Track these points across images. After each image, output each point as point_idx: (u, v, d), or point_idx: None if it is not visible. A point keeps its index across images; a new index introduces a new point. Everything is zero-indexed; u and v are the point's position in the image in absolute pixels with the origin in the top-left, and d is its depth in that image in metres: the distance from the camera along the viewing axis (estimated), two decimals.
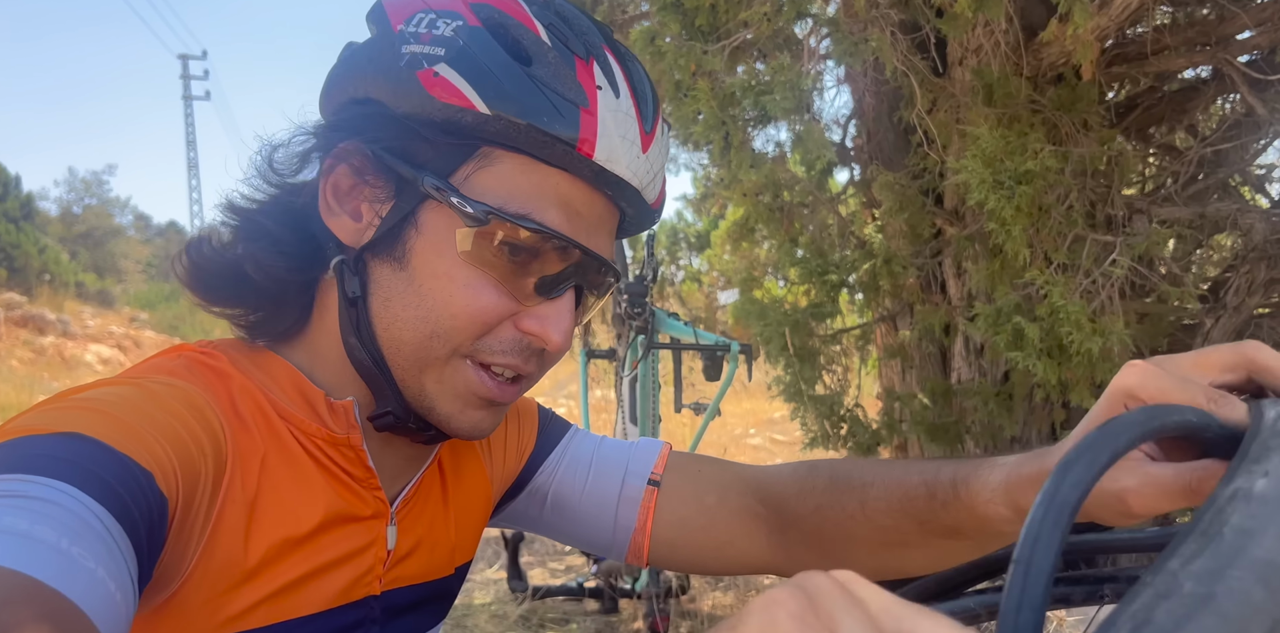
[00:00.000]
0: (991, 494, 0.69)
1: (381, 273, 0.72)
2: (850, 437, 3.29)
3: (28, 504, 0.49)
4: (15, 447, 0.53)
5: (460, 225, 0.69)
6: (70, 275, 22.61)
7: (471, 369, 0.72)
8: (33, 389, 13.67)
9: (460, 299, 0.70)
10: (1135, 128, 3.14)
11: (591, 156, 0.70)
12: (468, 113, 0.68)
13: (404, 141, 0.71)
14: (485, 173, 0.70)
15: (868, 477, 0.83)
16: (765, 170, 3.04)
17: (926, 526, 0.77)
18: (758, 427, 7.55)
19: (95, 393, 0.62)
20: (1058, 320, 2.21)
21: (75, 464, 0.53)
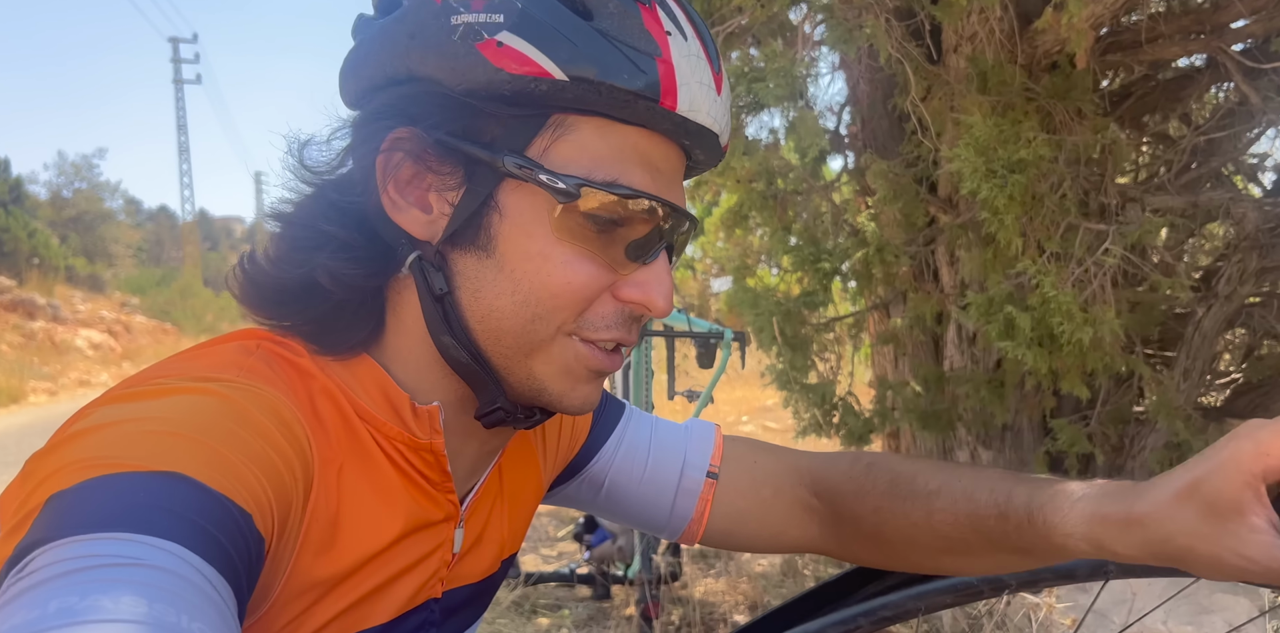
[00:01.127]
0: (1072, 529, 0.70)
1: (465, 264, 0.67)
2: (842, 425, 3.30)
3: (144, 576, 0.45)
4: (116, 491, 0.49)
5: (549, 202, 0.65)
6: (60, 260, 22.50)
7: (580, 345, 0.69)
8: (23, 374, 13.62)
9: (559, 278, 0.66)
10: (1129, 116, 3.14)
11: (675, 109, 0.66)
12: (542, 82, 0.63)
13: (466, 121, 0.66)
14: (563, 143, 0.65)
15: (932, 485, 0.83)
16: (759, 157, 3.03)
17: (996, 544, 0.78)
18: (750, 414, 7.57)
19: (181, 408, 0.57)
20: (1049, 310, 2.21)
21: (181, 517, 0.49)
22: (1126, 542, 0.66)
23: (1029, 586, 0.84)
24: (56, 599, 0.42)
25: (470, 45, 0.63)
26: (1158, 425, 2.71)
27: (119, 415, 0.56)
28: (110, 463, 0.50)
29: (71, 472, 0.50)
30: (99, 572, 0.44)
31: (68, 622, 0.42)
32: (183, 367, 0.65)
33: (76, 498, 0.49)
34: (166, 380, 0.61)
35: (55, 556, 0.45)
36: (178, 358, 0.67)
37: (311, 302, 0.69)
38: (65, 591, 0.43)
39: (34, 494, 0.51)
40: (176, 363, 0.66)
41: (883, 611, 0.91)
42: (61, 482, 0.50)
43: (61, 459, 0.52)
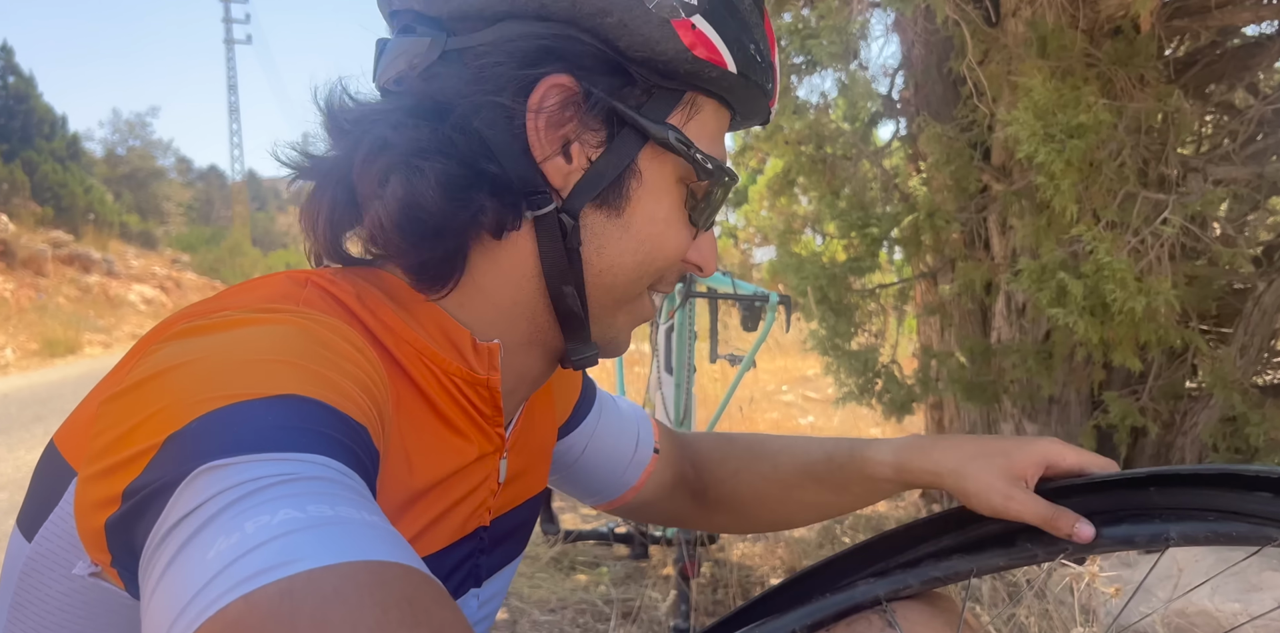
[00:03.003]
0: (882, 458, 0.93)
1: (595, 220, 0.69)
2: (884, 393, 3.28)
3: (314, 487, 0.46)
4: (245, 418, 0.49)
5: (687, 174, 0.71)
6: (115, 216, 22.92)
7: (648, 297, 0.77)
8: (79, 326, 13.96)
9: (673, 244, 0.73)
10: (1193, 85, 3.04)
11: (772, 106, 0.75)
12: (715, 69, 0.68)
13: (622, 84, 0.67)
14: (696, 121, 0.71)
15: (776, 446, 1.04)
16: (809, 119, 2.98)
17: (822, 483, 0.98)
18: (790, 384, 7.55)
19: (264, 336, 0.56)
20: (1102, 278, 2.16)
21: (317, 432, 0.49)
22: (921, 464, 0.90)
23: (1085, 550, 0.84)
24: (250, 520, 0.43)
25: (666, 21, 0.65)
26: (1212, 400, 2.65)
27: (200, 350, 0.55)
28: (221, 395, 0.50)
29: (182, 409, 0.49)
30: (266, 492, 0.44)
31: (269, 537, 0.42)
32: (239, 300, 0.64)
33: (202, 431, 0.48)
34: (231, 313, 0.60)
35: (214, 484, 0.45)
36: (229, 293, 0.67)
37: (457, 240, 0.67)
38: (252, 511, 0.43)
39: (136, 434, 0.50)
40: (231, 297, 0.65)
41: (933, 571, 0.91)
42: (175, 420, 0.49)
43: (160, 399, 0.51)
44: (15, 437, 6.63)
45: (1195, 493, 0.80)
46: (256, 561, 0.41)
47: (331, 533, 0.43)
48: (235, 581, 0.41)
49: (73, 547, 0.57)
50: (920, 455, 0.91)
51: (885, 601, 0.91)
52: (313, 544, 0.42)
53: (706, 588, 2.73)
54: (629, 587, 2.82)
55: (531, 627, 2.57)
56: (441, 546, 0.73)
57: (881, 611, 0.91)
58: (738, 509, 1.06)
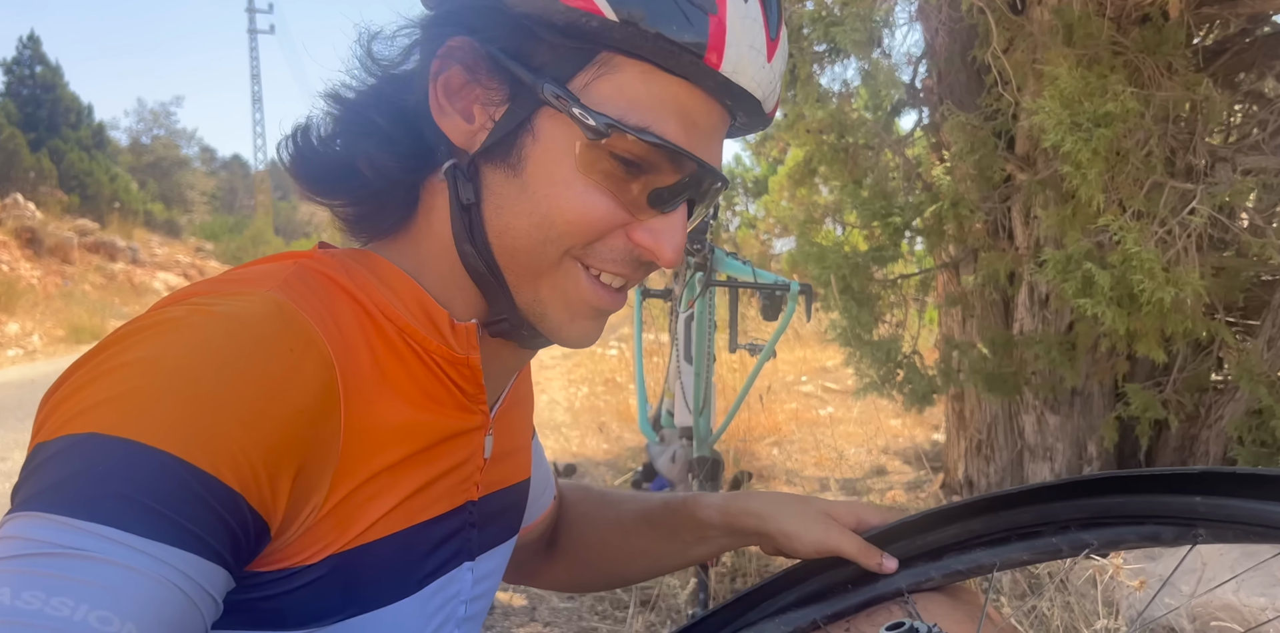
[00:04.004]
0: (709, 503, 1.00)
1: (494, 179, 0.70)
2: (905, 384, 3.26)
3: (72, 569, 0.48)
4: (81, 459, 0.52)
5: (579, 136, 0.67)
6: (139, 204, 23.12)
7: (583, 274, 0.73)
8: (104, 313, 14.10)
9: (576, 207, 0.69)
10: (1222, 73, 2.99)
11: (718, 67, 0.67)
12: (593, 18, 0.65)
13: (520, 42, 0.68)
14: (605, 81, 0.67)
15: (625, 497, 1.11)
16: (832, 108, 2.96)
17: (656, 528, 1.03)
18: (810, 374, 7.53)
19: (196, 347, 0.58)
20: (1130, 268, 2.14)
21: (136, 501, 0.52)
22: (744, 507, 0.97)
23: (1111, 545, 0.83)
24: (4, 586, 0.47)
25: None
26: (1239, 393, 2.63)
27: (135, 350, 0.58)
28: (113, 422, 0.53)
29: (60, 421, 0.54)
30: (29, 562, 0.48)
31: None
32: (222, 284, 0.68)
33: (52, 455, 0.53)
34: (202, 300, 0.63)
35: (7, 530, 0.50)
36: (227, 273, 0.71)
37: (350, 184, 0.74)
38: (13, 579, 0.47)
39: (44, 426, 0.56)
40: (217, 283, 0.69)
41: (955, 563, 0.90)
42: (49, 431, 0.54)
43: (62, 406, 0.56)
44: None
45: None
46: None
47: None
48: None
49: None
50: (743, 501, 0.98)
51: (907, 592, 0.91)
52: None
53: (725, 577, 2.73)
54: None
55: (551, 614, 2.58)
56: (430, 516, 0.75)
57: (903, 602, 0.91)
58: (579, 556, 1.10)
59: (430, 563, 0.76)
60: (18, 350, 11.02)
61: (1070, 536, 0.85)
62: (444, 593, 0.79)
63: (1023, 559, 0.88)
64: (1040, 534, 0.87)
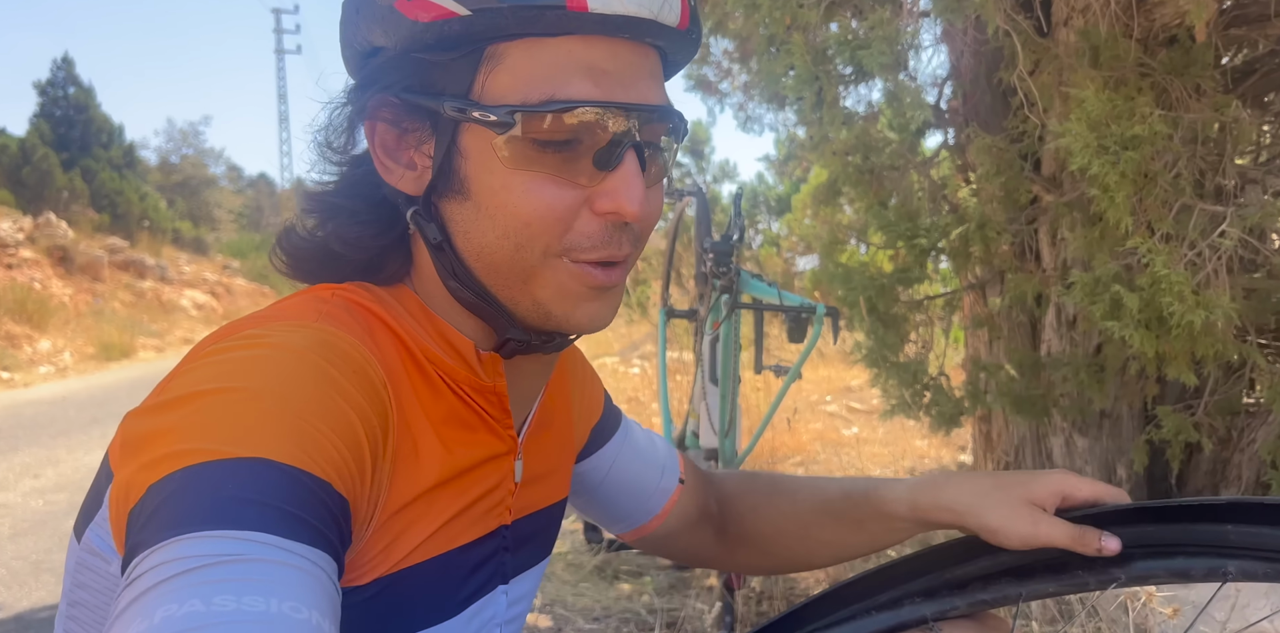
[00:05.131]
0: (897, 496, 0.94)
1: (451, 210, 0.71)
2: (933, 406, 3.24)
3: (238, 571, 0.49)
4: (203, 484, 0.53)
5: (493, 136, 0.67)
6: (168, 222, 23.42)
7: (571, 265, 0.71)
8: (134, 331, 14.26)
9: (525, 206, 0.68)
10: (1251, 94, 2.98)
11: (586, 9, 0.65)
12: (452, 22, 0.65)
13: (417, 76, 0.69)
14: (496, 74, 0.67)
15: (797, 484, 1.06)
16: (857, 130, 2.97)
17: (840, 520, 0.99)
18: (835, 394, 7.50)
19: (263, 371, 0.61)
20: (1159, 291, 2.13)
21: (269, 505, 0.53)
22: (936, 501, 0.90)
23: (1139, 581, 0.82)
24: (161, 608, 0.46)
25: (389, 5, 0.67)
26: (1271, 416, 2.60)
27: (207, 382, 0.60)
28: (198, 451, 0.54)
29: (164, 462, 0.54)
30: (197, 574, 0.48)
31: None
32: (271, 317, 0.70)
33: (172, 491, 0.53)
34: (254, 331, 0.66)
35: (156, 559, 0.50)
36: (269, 309, 0.74)
37: (335, 264, 0.76)
38: (168, 598, 0.47)
39: (136, 478, 0.55)
40: (267, 313, 0.72)
41: (981, 594, 0.90)
42: (156, 472, 0.54)
43: (155, 445, 0.56)
44: (75, 439, 6.78)
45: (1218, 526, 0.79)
46: None
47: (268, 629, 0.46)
48: None
49: (111, 548, 0.62)
50: (935, 493, 0.91)
51: (932, 621, 0.91)
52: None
53: (751, 600, 2.72)
54: (673, 597, 2.82)
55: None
56: (465, 541, 0.77)
57: (928, 629, 0.91)
58: (758, 546, 1.07)
59: (468, 587, 0.78)
60: (49, 367, 11.16)
61: (1097, 569, 0.84)
62: (481, 616, 0.81)
63: (1049, 591, 0.88)
64: (1067, 567, 0.86)
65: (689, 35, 0.72)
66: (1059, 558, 0.86)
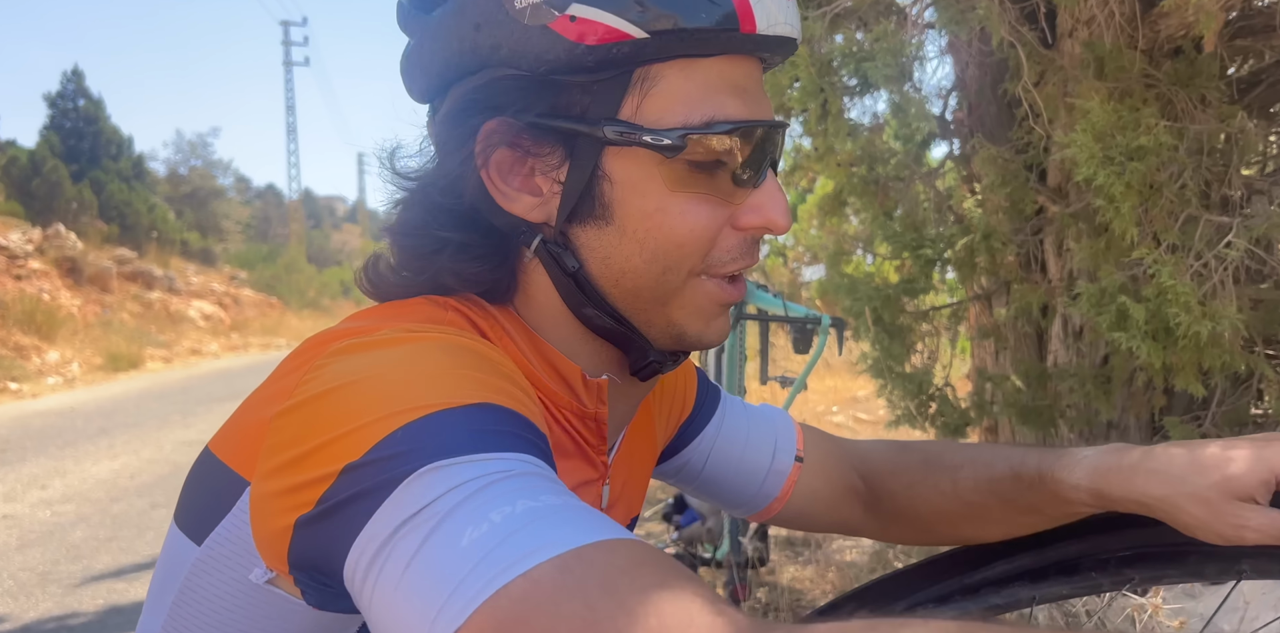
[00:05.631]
0: (1077, 482, 0.81)
1: (588, 236, 0.69)
2: (938, 416, 3.24)
3: (530, 481, 0.51)
4: (451, 424, 0.54)
5: (656, 159, 0.66)
6: (176, 233, 23.53)
7: (710, 282, 0.71)
8: (141, 342, 14.29)
9: (681, 228, 0.68)
10: (1257, 105, 2.98)
11: (756, 31, 0.65)
12: (624, 44, 0.63)
13: (554, 99, 0.66)
14: (653, 96, 0.66)
15: (958, 459, 0.94)
16: (862, 141, 2.98)
17: (1010, 504, 0.88)
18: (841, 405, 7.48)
19: (436, 352, 0.61)
20: (1165, 301, 2.13)
21: (513, 434, 0.55)
22: (1124, 492, 0.78)
23: (1153, 581, 0.82)
24: (494, 510, 0.48)
25: (543, 26, 0.64)
26: (1278, 428, 2.58)
27: (375, 366, 0.59)
28: (420, 406, 0.54)
29: (383, 420, 0.54)
30: (495, 487, 0.50)
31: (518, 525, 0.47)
32: (390, 320, 0.68)
33: (413, 437, 0.53)
34: (391, 331, 0.65)
35: (441, 483, 0.50)
36: (375, 313, 0.72)
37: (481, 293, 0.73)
38: (496, 500, 0.49)
39: (333, 446, 0.54)
40: (380, 318, 0.70)
41: (994, 598, 0.89)
42: (378, 430, 0.53)
43: (353, 411, 0.55)
44: (82, 450, 6.79)
45: None
46: (518, 544, 0.46)
47: (568, 518, 0.49)
48: (506, 563, 0.46)
49: (247, 553, 0.60)
50: (1121, 482, 0.78)
51: None
52: (559, 529, 0.48)
53: (757, 612, 2.71)
54: None
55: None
56: None
57: None
58: (917, 524, 0.98)
59: None
60: (57, 378, 11.20)
61: (1110, 570, 0.84)
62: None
63: (1062, 594, 0.88)
64: (1079, 569, 0.86)
65: (794, 51, 0.74)
66: (1072, 559, 0.85)
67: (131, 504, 5.20)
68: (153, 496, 5.40)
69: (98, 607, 3.64)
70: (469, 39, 0.67)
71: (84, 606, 3.65)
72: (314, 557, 0.54)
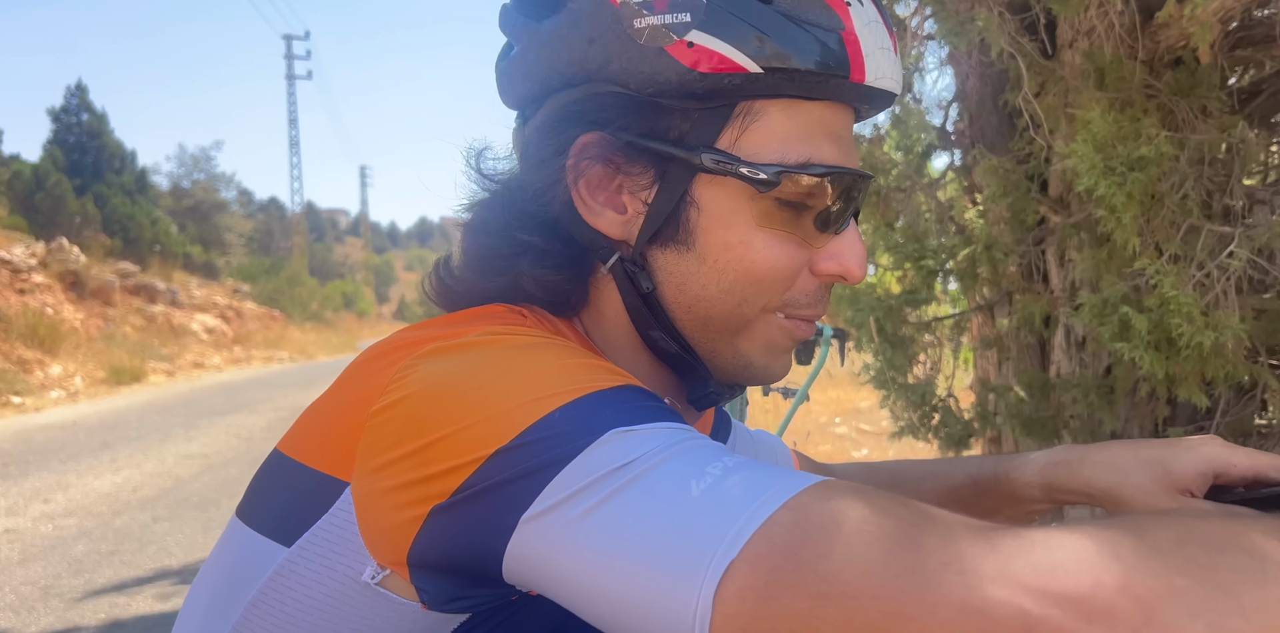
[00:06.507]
0: (1029, 479, 0.88)
1: (666, 260, 0.70)
2: (941, 427, 3.23)
3: (714, 444, 0.53)
4: (611, 401, 0.55)
5: (747, 192, 0.67)
6: (179, 247, 23.58)
7: (780, 320, 0.72)
8: (144, 355, 14.30)
9: (762, 263, 0.68)
10: (1258, 115, 2.98)
11: (864, 81, 0.66)
12: (736, 76, 0.64)
13: (654, 121, 0.67)
14: (753, 131, 0.67)
15: (920, 473, 1.00)
16: (863, 151, 2.98)
17: (970, 509, 0.88)
18: (843, 416, 7.47)
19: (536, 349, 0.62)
20: (1167, 312, 2.12)
21: (666, 409, 0.56)
22: (1070, 483, 0.85)
23: None
24: (710, 464, 0.50)
25: (659, 48, 0.64)
26: None
27: (483, 362, 0.60)
28: (565, 391, 0.55)
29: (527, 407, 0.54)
30: (690, 446, 0.52)
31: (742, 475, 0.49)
32: (470, 326, 0.68)
33: (577, 414, 0.53)
34: (483, 334, 0.64)
35: (636, 444, 0.51)
36: (447, 321, 0.71)
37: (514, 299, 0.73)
38: (700, 461, 0.51)
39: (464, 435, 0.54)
40: (454, 324, 0.69)
41: None
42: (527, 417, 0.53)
43: (482, 402, 0.55)
44: (84, 463, 6.79)
45: None
46: (754, 488, 0.48)
47: (780, 471, 0.50)
48: (759, 500, 0.47)
49: (349, 552, 0.59)
50: (1069, 474, 0.85)
51: None
52: (782, 476, 0.49)
53: None
54: None
55: None
56: None
57: None
58: None
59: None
60: (60, 392, 11.21)
61: None
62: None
63: None
64: None
65: (890, 105, 0.74)
66: None
67: (134, 518, 5.19)
68: (155, 509, 5.39)
69: (100, 621, 3.63)
70: (580, 51, 0.67)
71: (86, 620, 3.64)
72: (453, 545, 0.54)
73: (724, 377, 0.74)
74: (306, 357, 21.46)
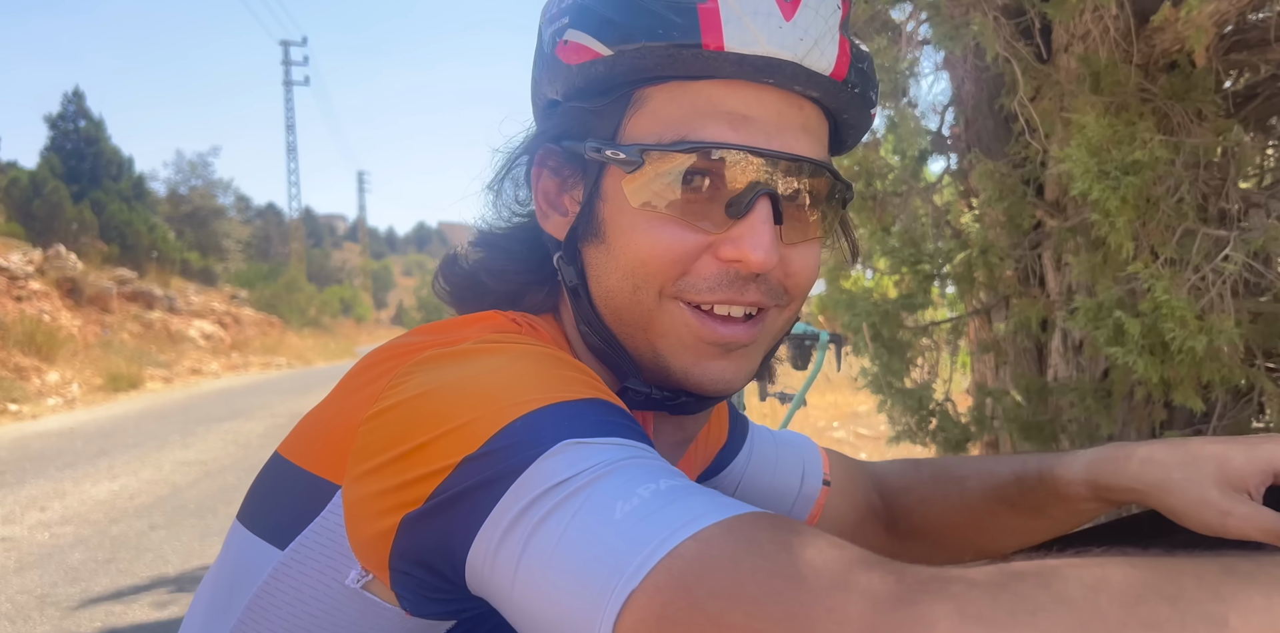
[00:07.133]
0: (1074, 476, 0.84)
1: (590, 254, 0.72)
2: (939, 432, 3.23)
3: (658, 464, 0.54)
4: (573, 413, 0.56)
5: (622, 176, 0.68)
6: (176, 253, 23.57)
7: (686, 311, 0.70)
8: (141, 362, 14.28)
9: (644, 245, 0.68)
10: (1254, 118, 2.98)
11: (723, 48, 0.64)
12: (597, 63, 0.67)
13: (574, 123, 0.71)
14: (638, 117, 0.69)
15: (965, 470, 0.97)
16: (859, 156, 2.98)
17: (1016, 508, 0.90)
18: (842, 420, 7.47)
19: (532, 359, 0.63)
20: (1160, 316, 2.12)
21: (626, 425, 0.57)
22: (1118, 481, 0.80)
23: None
24: (640, 486, 0.51)
25: (553, 53, 0.70)
26: None
27: (471, 370, 0.61)
28: (534, 399, 0.56)
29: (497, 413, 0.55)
30: (632, 467, 0.52)
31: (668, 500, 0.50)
32: (467, 332, 0.70)
33: (537, 424, 0.54)
34: (476, 342, 0.66)
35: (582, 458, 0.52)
36: (450, 326, 0.73)
37: (482, 294, 0.79)
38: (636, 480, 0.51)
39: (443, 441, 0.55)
40: (456, 330, 0.71)
41: None
42: (494, 423, 0.55)
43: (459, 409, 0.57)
44: (81, 471, 6.77)
45: None
46: (676, 514, 0.48)
47: (711, 497, 0.51)
48: (671, 527, 0.47)
49: (339, 556, 0.60)
50: (1116, 471, 0.80)
51: None
52: (709, 503, 0.50)
53: None
54: None
55: None
56: None
57: None
58: (931, 539, 0.99)
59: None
60: (57, 399, 11.19)
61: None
62: None
63: None
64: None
65: (847, 88, 0.69)
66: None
67: (130, 526, 5.18)
68: (151, 517, 5.37)
69: (96, 629, 3.61)
70: (535, 78, 0.75)
71: (82, 628, 3.62)
72: (425, 552, 0.55)
73: (652, 378, 0.74)
74: (304, 362, 21.45)
